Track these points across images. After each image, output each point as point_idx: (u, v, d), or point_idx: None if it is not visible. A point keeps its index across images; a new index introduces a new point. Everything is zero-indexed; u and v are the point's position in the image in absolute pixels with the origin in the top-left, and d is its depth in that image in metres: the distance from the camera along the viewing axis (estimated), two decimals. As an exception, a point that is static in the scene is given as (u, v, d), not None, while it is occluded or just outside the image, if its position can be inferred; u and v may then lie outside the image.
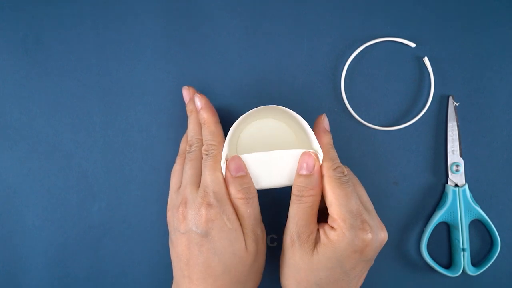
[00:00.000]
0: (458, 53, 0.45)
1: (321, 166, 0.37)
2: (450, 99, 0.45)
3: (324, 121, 0.40)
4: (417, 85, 0.45)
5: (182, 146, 0.43)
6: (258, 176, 0.37)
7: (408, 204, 0.45)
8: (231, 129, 0.38)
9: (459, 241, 0.44)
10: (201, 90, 0.45)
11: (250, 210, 0.37)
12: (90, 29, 0.45)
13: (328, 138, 0.39)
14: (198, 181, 0.38)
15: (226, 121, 0.45)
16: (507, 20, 0.45)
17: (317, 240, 0.36)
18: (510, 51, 0.45)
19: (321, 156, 0.37)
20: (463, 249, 0.44)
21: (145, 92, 0.45)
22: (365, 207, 0.37)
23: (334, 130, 0.45)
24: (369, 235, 0.35)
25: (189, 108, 0.43)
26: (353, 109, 0.45)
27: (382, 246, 0.37)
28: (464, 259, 0.44)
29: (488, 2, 0.45)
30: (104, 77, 0.45)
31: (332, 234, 0.36)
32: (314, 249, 0.36)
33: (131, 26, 0.45)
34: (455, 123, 0.45)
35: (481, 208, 0.44)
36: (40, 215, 0.45)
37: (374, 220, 0.37)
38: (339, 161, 0.38)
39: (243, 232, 0.37)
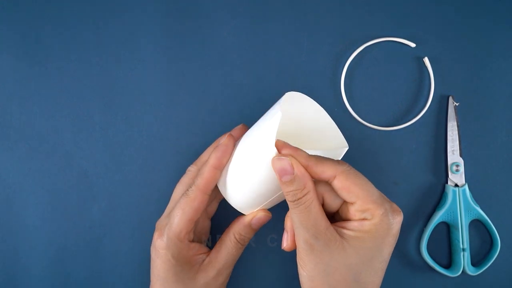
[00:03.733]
0: (458, 53, 0.45)
1: (319, 171, 0.35)
2: (450, 99, 0.45)
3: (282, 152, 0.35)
4: (417, 85, 0.45)
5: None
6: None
7: (408, 204, 0.45)
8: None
9: (459, 241, 0.44)
10: (201, 90, 0.45)
11: (236, 253, 0.39)
12: (90, 29, 0.45)
13: (300, 153, 0.35)
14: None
15: (225, 121, 0.45)
16: (507, 20, 0.45)
17: (342, 234, 0.34)
18: (510, 51, 0.45)
19: (346, 148, 0.38)
20: (463, 249, 0.44)
21: (145, 92, 0.45)
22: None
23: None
24: (401, 216, 0.35)
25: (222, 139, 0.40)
26: (353, 109, 0.45)
27: None
28: (464, 259, 0.44)
29: (488, 2, 0.45)
30: (104, 77, 0.45)
31: (367, 225, 0.34)
32: (342, 243, 0.34)
33: (131, 26, 0.45)
34: (455, 123, 0.45)
35: (481, 208, 0.44)
36: (40, 215, 0.45)
37: (391, 202, 0.36)
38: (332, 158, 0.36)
39: (200, 269, 0.39)
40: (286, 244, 0.38)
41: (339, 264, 0.34)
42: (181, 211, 0.38)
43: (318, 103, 0.44)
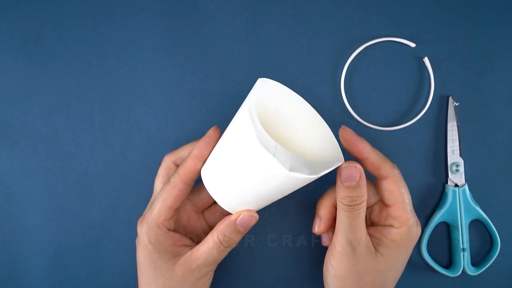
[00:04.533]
0: (458, 53, 0.45)
1: (376, 169, 0.37)
2: (450, 99, 0.45)
3: (351, 131, 0.38)
4: (417, 85, 0.45)
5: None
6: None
7: (408, 204, 0.45)
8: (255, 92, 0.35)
9: (459, 241, 0.44)
10: (200, 90, 0.45)
11: (216, 254, 0.38)
12: (90, 29, 0.45)
13: (367, 143, 0.38)
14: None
15: (225, 121, 0.45)
16: (507, 20, 0.45)
17: (373, 242, 0.37)
18: (510, 51, 0.45)
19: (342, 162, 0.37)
20: (463, 249, 0.44)
21: (145, 92, 0.45)
22: None
23: (334, 130, 0.45)
24: (420, 229, 0.38)
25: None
26: (353, 109, 0.45)
27: None
28: (464, 259, 0.44)
29: (488, 2, 0.45)
30: (104, 77, 0.45)
31: (394, 233, 0.37)
32: (375, 251, 0.37)
33: (131, 26, 0.45)
34: (455, 123, 0.45)
35: (481, 208, 0.45)
36: (40, 215, 0.45)
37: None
38: None
39: (179, 261, 0.38)
40: (318, 229, 0.39)
41: (371, 269, 0.37)
42: (161, 198, 0.38)
43: (317, 104, 0.44)
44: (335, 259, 0.37)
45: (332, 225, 0.39)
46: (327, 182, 0.41)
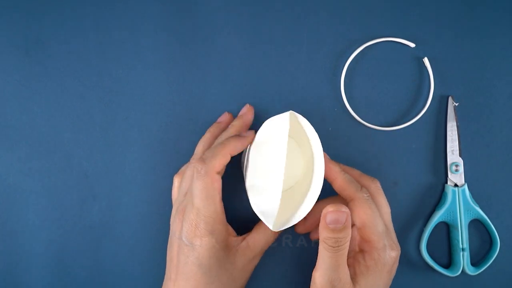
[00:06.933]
0: (458, 53, 0.45)
1: (344, 189, 0.38)
2: (450, 99, 0.45)
3: (325, 154, 0.39)
4: (417, 85, 0.45)
5: (198, 149, 0.42)
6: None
7: (408, 204, 0.45)
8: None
9: (458, 241, 0.44)
10: (200, 90, 0.45)
11: (273, 240, 0.40)
12: (90, 29, 0.45)
13: (337, 166, 0.38)
14: None
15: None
16: (507, 21, 0.45)
17: (351, 272, 0.36)
18: (510, 51, 0.45)
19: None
20: (463, 249, 0.44)
21: (145, 92, 0.45)
22: (389, 223, 0.39)
23: (334, 130, 0.45)
24: (395, 252, 0.37)
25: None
26: (353, 109, 0.45)
27: None
28: (463, 259, 0.44)
29: (488, 2, 0.45)
30: (104, 77, 0.45)
31: (366, 259, 0.36)
32: (354, 283, 0.36)
33: (131, 26, 0.45)
34: (455, 123, 0.45)
35: (481, 208, 0.45)
36: (40, 215, 0.45)
37: (394, 235, 0.39)
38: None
39: (237, 253, 0.38)
40: (300, 229, 0.41)
41: None
42: (211, 199, 0.37)
43: (316, 104, 0.43)
44: None
45: (315, 226, 0.41)
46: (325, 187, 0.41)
